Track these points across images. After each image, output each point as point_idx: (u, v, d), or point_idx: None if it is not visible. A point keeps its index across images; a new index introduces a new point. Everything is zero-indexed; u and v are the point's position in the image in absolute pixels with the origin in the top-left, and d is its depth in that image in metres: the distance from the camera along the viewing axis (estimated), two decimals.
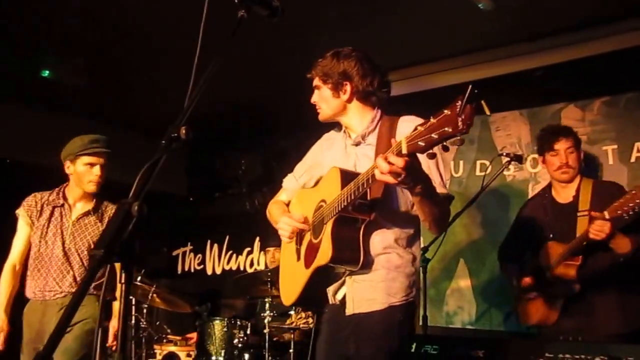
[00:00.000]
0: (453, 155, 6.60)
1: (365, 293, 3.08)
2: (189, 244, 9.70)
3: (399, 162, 2.37)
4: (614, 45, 5.47)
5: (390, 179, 2.46)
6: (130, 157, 3.81)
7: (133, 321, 6.40)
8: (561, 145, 4.59)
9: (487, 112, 1.95)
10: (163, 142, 1.87)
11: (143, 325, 6.46)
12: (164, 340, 6.56)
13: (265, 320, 6.03)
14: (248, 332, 6.16)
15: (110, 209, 4.79)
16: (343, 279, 3.18)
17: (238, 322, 6.13)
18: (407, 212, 3.16)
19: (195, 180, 9.77)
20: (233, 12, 2.28)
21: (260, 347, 6.05)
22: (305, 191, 3.61)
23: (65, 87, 7.03)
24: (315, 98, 3.34)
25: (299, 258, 3.34)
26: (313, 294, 3.27)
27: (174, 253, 9.84)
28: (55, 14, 5.71)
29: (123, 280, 1.73)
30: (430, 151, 2.22)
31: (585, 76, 5.73)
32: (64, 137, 4.69)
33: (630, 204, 3.96)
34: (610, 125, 5.64)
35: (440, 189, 2.96)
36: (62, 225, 4.62)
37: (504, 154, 5.00)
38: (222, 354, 6.08)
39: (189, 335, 6.69)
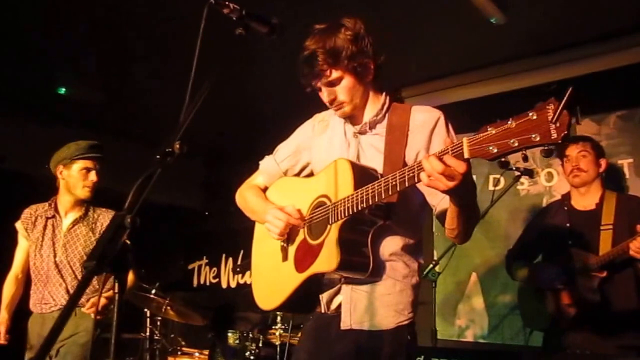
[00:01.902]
0: None
1: (367, 306, 2.67)
2: (204, 257, 9.76)
3: (460, 167, 2.03)
4: (629, 59, 5.50)
5: (440, 185, 2.09)
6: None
7: (147, 333, 6.44)
8: (572, 150, 4.64)
9: (579, 122, 1.62)
10: (157, 156, 1.84)
11: (157, 338, 6.50)
12: (178, 353, 6.58)
13: (277, 333, 6.05)
14: (260, 344, 6.18)
15: (102, 216, 4.71)
16: (339, 286, 2.75)
17: (250, 335, 6.14)
18: (416, 217, 2.80)
19: (211, 195, 9.84)
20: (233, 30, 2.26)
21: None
22: (292, 180, 3.15)
23: (80, 104, 7.16)
24: (338, 95, 2.77)
25: (285, 258, 2.91)
26: (300, 300, 2.84)
27: (190, 266, 9.90)
28: (71, 33, 5.86)
29: (116, 290, 1.74)
30: (503, 160, 1.92)
31: (600, 90, 5.69)
32: None
33: None
34: (626, 139, 5.65)
35: None
36: (54, 237, 4.58)
37: (514, 168, 5.00)
38: None
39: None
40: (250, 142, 8.35)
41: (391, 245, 2.69)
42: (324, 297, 2.80)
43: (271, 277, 3.01)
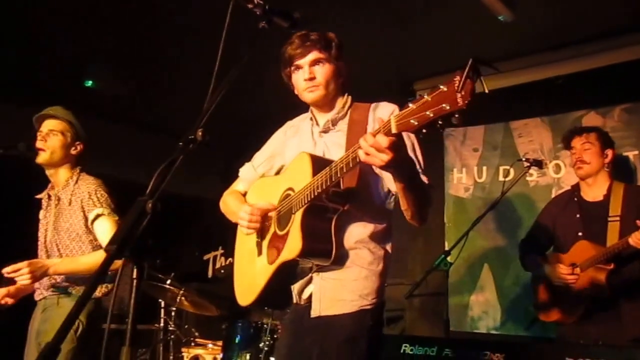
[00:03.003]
0: (477, 161, 6.66)
1: (334, 293, 2.79)
2: (220, 247, 9.73)
3: (389, 142, 2.19)
4: (633, 54, 5.54)
5: (376, 161, 2.25)
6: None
7: (162, 324, 6.48)
8: (576, 142, 4.68)
9: (486, 90, 1.70)
10: (180, 143, 1.90)
11: (171, 328, 6.52)
12: (192, 344, 6.60)
13: None
14: (275, 335, 6.20)
15: (80, 187, 4.17)
16: (310, 275, 2.87)
17: (264, 326, 6.16)
18: (381, 204, 2.94)
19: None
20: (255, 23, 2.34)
21: None
22: (265, 180, 3.32)
23: (107, 96, 7.25)
24: (317, 75, 2.94)
25: (260, 253, 3.04)
26: (275, 293, 2.96)
27: (206, 257, 9.88)
28: (97, 27, 5.96)
29: (135, 276, 1.74)
30: (424, 131, 2.06)
31: (605, 84, 5.76)
32: (104, 143, 4.65)
33: None
34: (631, 131, 5.68)
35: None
36: (47, 217, 4.27)
37: (524, 159, 5.04)
38: (248, 357, 6.12)
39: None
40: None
41: (356, 232, 2.83)
42: (295, 287, 2.93)
43: (248, 273, 3.12)
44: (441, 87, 1.98)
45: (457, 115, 1.95)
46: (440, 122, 1.99)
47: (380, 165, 2.27)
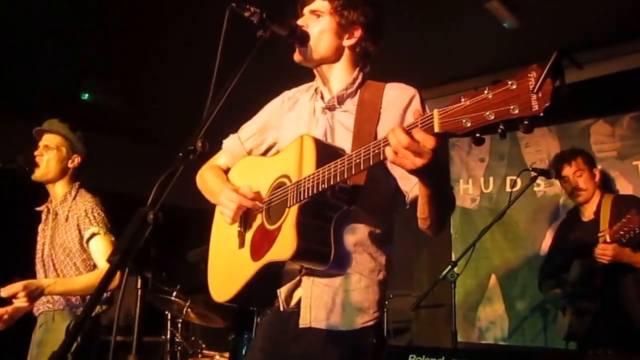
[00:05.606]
0: (483, 172, 6.64)
1: (328, 303, 2.39)
2: None
3: (429, 142, 1.77)
4: None
5: (406, 164, 1.84)
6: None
7: (168, 336, 6.46)
8: (568, 171, 4.74)
9: (564, 91, 1.32)
10: (180, 154, 1.83)
11: (178, 340, 6.51)
12: (199, 355, 6.58)
13: None
14: None
15: (77, 203, 4.15)
16: (298, 277, 2.45)
17: None
18: (386, 203, 2.53)
19: None
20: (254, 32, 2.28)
21: None
22: (253, 160, 2.84)
23: (103, 109, 7.27)
24: (311, 27, 2.56)
25: (242, 245, 2.59)
26: (255, 293, 2.54)
27: None
28: (94, 41, 6.00)
29: (139, 286, 1.70)
30: (477, 135, 1.66)
31: (614, 92, 5.74)
32: (102, 155, 4.69)
33: (631, 225, 4.04)
34: None
35: None
36: (45, 231, 4.25)
37: (531, 169, 5.02)
38: None
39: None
40: None
41: (356, 234, 2.44)
42: (282, 292, 2.49)
43: (226, 266, 2.73)
44: (509, 82, 1.59)
45: (526, 122, 1.56)
46: (501, 127, 1.61)
47: (411, 169, 1.87)
